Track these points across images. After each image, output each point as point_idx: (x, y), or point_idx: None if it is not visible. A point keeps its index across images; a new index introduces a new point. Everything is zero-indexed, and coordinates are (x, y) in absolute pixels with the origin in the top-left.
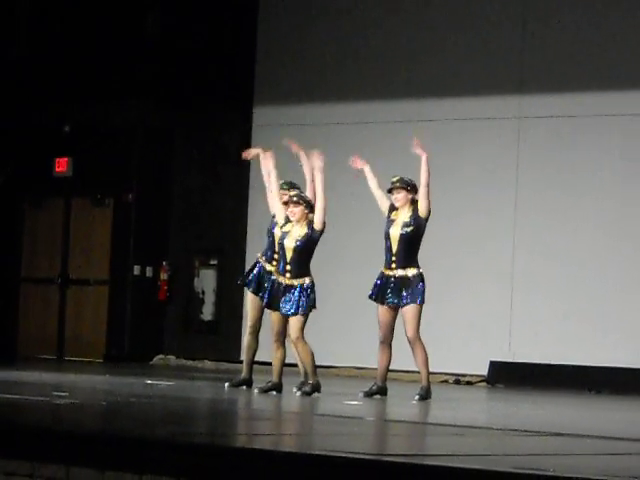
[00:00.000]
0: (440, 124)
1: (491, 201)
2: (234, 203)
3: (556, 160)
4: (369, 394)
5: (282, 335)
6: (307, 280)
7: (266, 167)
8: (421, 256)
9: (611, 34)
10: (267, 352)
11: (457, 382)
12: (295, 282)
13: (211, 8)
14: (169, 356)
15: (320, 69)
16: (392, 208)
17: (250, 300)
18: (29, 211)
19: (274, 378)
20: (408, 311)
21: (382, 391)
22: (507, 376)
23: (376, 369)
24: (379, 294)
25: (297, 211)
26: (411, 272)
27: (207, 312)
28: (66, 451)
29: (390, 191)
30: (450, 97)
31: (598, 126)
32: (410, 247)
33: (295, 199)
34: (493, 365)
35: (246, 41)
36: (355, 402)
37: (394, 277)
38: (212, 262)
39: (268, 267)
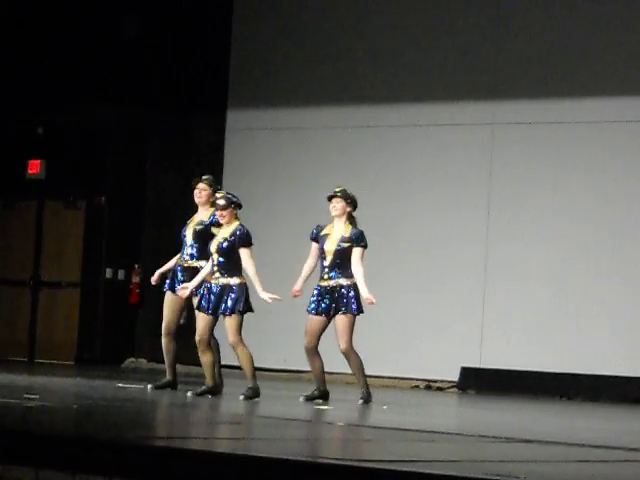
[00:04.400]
0: (413, 129)
1: (464, 207)
2: None
3: (529, 166)
4: (310, 398)
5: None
6: (242, 280)
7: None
8: (393, 261)
9: (586, 41)
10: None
11: (428, 388)
12: (228, 282)
13: (185, 10)
14: (140, 359)
15: (294, 73)
16: (318, 230)
17: (167, 301)
18: (1, 213)
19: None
20: (340, 321)
21: (324, 395)
22: (478, 382)
23: (345, 374)
24: (312, 303)
25: (226, 214)
26: (344, 282)
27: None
28: (36, 454)
29: (330, 199)
30: (424, 102)
31: (571, 132)
32: (344, 260)
33: (223, 203)
34: (464, 371)
35: (220, 44)
36: (325, 407)
37: (327, 287)
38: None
39: (195, 264)
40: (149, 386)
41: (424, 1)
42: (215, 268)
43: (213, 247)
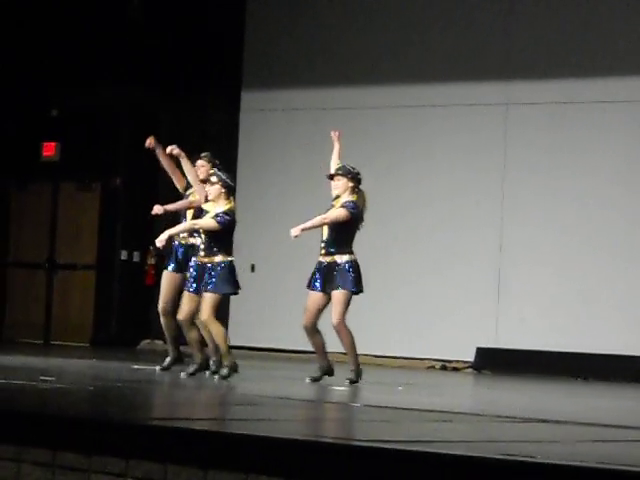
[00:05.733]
0: (427, 110)
1: (478, 187)
2: None
3: (543, 146)
4: (316, 379)
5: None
6: (224, 259)
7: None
8: (409, 242)
9: (600, 20)
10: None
11: (443, 368)
12: (210, 260)
13: None
14: (156, 341)
15: (309, 54)
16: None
17: (164, 279)
18: (16, 195)
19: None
20: (335, 296)
21: (329, 372)
22: (493, 362)
23: (361, 355)
24: (311, 280)
25: (213, 190)
26: (341, 259)
27: None
28: (52, 435)
29: (331, 178)
30: (437, 83)
31: (586, 112)
32: (339, 233)
33: (213, 179)
34: (479, 351)
35: (234, 24)
36: (341, 388)
37: (325, 263)
38: None
39: (191, 241)
40: (157, 368)
41: None
42: (202, 246)
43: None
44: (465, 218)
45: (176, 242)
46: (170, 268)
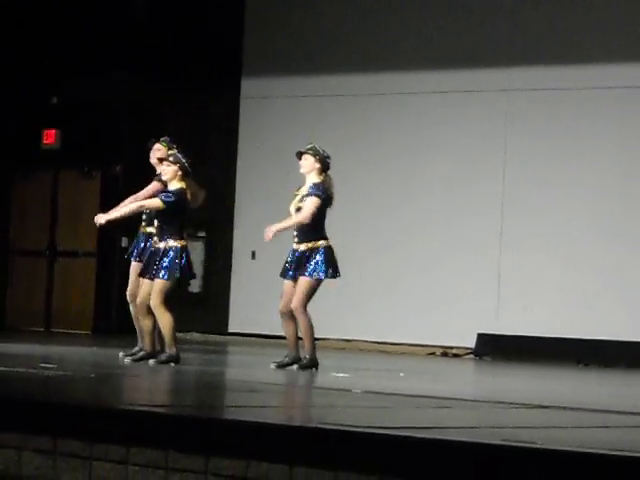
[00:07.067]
0: (428, 97)
1: (479, 173)
2: (222, 175)
3: (544, 132)
4: (282, 365)
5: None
6: (175, 244)
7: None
8: (410, 229)
9: (604, 6)
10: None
11: (444, 354)
12: (162, 245)
13: None
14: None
15: (308, 41)
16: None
17: (132, 268)
18: (17, 183)
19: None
20: (299, 282)
21: (295, 360)
22: (494, 349)
23: (362, 341)
24: (283, 268)
25: (169, 170)
26: (312, 245)
27: (195, 284)
28: (54, 423)
29: (299, 156)
30: (439, 70)
31: (587, 99)
32: (311, 221)
33: (171, 159)
34: (481, 337)
35: (234, 12)
36: (342, 374)
37: (297, 251)
38: (200, 234)
39: (149, 229)
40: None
41: None
42: (155, 231)
43: None
44: (466, 205)
45: (140, 231)
46: (132, 257)
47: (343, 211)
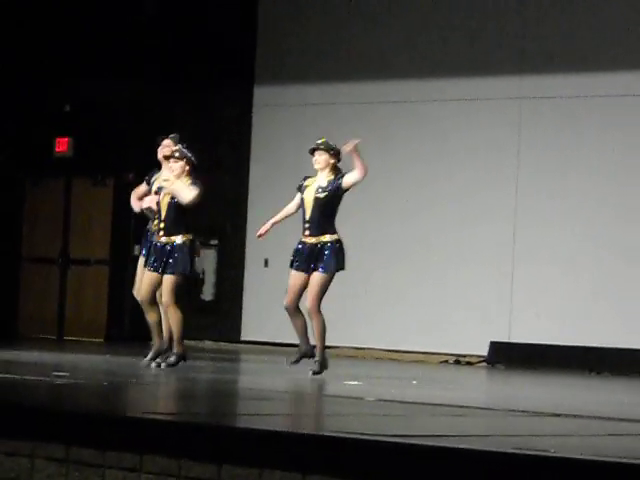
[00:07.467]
0: (441, 104)
1: (492, 182)
2: (235, 182)
3: (558, 140)
4: (296, 361)
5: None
6: (182, 239)
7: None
8: (422, 236)
9: (614, 13)
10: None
11: (457, 362)
12: (169, 240)
13: None
14: None
15: (322, 48)
16: (303, 179)
17: (140, 266)
18: (30, 191)
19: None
20: (313, 278)
21: (309, 354)
22: (507, 356)
23: (374, 349)
24: (292, 260)
25: (176, 167)
26: (325, 239)
27: (207, 292)
28: (66, 431)
29: (312, 152)
30: (451, 77)
31: (600, 106)
32: (324, 213)
33: (177, 155)
34: (493, 345)
35: (247, 19)
36: (354, 382)
37: (309, 244)
38: (212, 242)
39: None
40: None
41: None
42: (162, 225)
43: (163, 202)
44: (478, 214)
45: (148, 230)
46: (143, 254)
47: (357, 219)
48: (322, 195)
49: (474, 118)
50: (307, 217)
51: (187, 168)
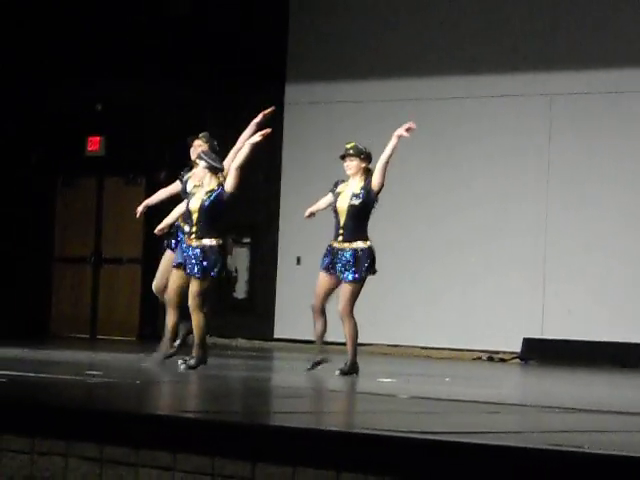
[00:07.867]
0: (471, 101)
1: (523, 179)
2: (267, 180)
3: (587, 137)
4: (314, 365)
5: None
6: (214, 242)
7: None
8: (454, 233)
9: None
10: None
11: (490, 359)
12: (200, 243)
13: None
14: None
15: (352, 46)
16: (335, 184)
17: (164, 259)
18: (62, 190)
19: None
20: (345, 284)
21: (323, 359)
22: (540, 353)
23: (408, 346)
24: (323, 261)
25: (198, 172)
26: (359, 246)
27: (240, 290)
28: (100, 430)
29: (343, 158)
30: (480, 74)
31: (629, 102)
32: (358, 220)
33: (197, 160)
34: (526, 342)
35: (278, 18)
36: (388, 380)
37: (340, 249)
38: (245, 240)
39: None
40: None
41: None
42: (194, 228)
43: (194, 206)
44: (511, 210)
45: (179, 225)
46: (169, 247)
47: (391, 220)
48: (357, 202)
49: (503, 115)
50: (341, 223)
51: (208, 174)
